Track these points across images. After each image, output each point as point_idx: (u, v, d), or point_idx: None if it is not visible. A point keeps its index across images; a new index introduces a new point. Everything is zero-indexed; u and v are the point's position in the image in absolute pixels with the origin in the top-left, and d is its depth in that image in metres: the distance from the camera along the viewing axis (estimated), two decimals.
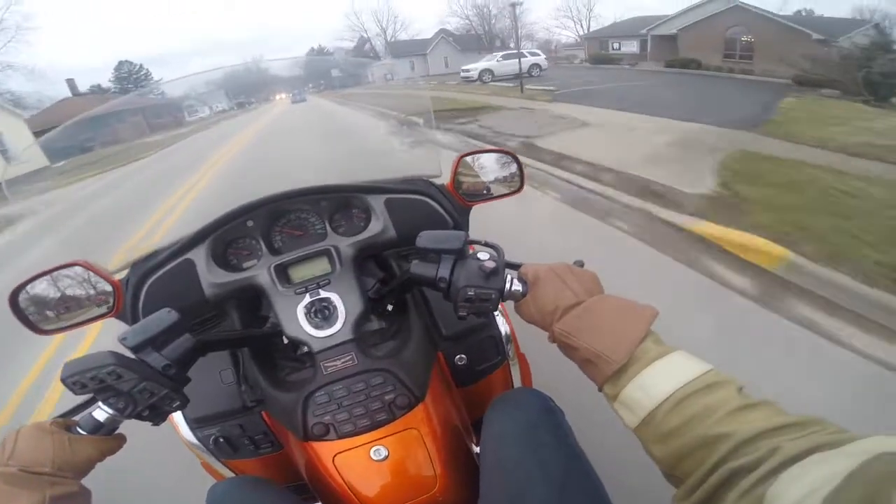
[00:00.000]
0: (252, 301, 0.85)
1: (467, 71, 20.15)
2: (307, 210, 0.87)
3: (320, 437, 0.65)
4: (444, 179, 0.94)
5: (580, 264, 0.61)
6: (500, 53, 20.64)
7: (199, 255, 0.79)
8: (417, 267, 0.62)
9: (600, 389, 0.48)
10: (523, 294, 0.58)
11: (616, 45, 26.89)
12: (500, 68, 19.21)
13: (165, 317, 0.58)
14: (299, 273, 0.79)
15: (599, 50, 27.46)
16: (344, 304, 0.73)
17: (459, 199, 0.91)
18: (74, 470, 0.53)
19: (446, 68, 30.50)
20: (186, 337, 0.59)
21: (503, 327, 0.87)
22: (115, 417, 0.56)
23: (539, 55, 21.23)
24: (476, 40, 35.48)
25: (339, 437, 0.65)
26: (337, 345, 0.70)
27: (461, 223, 0.91)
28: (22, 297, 0.73)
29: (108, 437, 0.57)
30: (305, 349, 0.75)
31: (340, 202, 0.88)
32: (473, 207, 0.94)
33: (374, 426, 0.65)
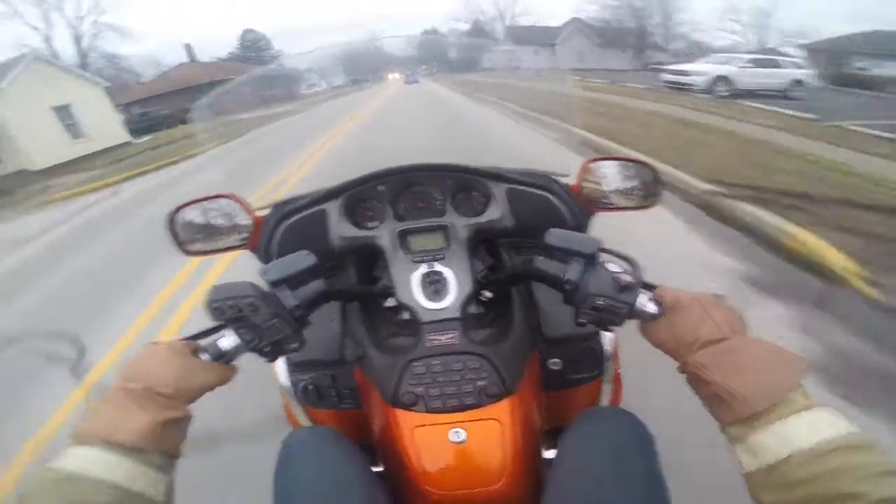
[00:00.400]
0: (367, 259, 0.89)
1: (685, 74, 13.70)
2: (432, 185, 0.89)
3: (407, 406, 0.66)
4: (571, 180, 0.90)
5: (720, 297, 0.57)
6: (746, 56, 14.45)
7: (333, 208, 0.85)
8: (543, 263, 0.61)
9: (723, 429, 0.47)
10: (654, 316, 0.55)
11: (863, 65, 19.59)
12: (744, 78, 12.88)
13: (304, 258, 0.61)
14: (417, 243, 0.81)
15: (838, 67, 20.02)
16: (456, 282, 0.74)
17: (583, 202, 0.88)
18: (189, 394, 0.56)
19: (579, 63, 27.01)
20: (319, 282, 0.63)
21: (608, 343, 0.85)
22: (238, 348, 0.59)
23: (802, 66, 14.30)
24: (620, 35, 31.43)
25: (425, 411, 0.66)
26: (444, 320, 0.71)
27: (581, 227, 0.88)
28: (177, 218, 0.84)
29: (225, 366, 0.60)
30: (409, 316, 0.77)
31: (464, 183, 0.89)
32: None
33: (461, 408, 0.65)
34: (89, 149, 16.37)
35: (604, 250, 0.60)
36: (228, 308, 0.57)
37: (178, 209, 0.83)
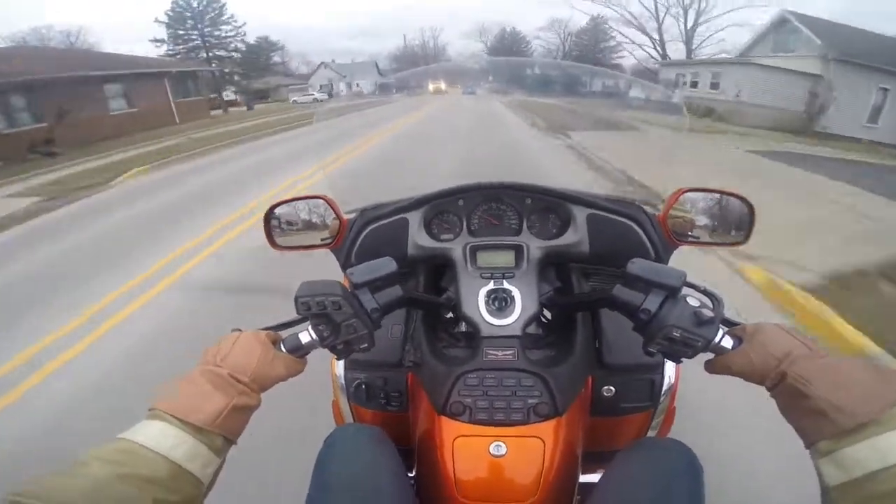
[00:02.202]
0: (436, 269, 0.93)
1: None
2: (510, 203, 0.92)
3: (454, 415, 0.68)
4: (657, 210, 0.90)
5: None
6: None
7: (414, 217, 0.89)
8: (621, 292, 0.61)
9: (811, 444, 0.47)
10: (730, 349, 0.57)
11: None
12: None
13: (387, 264, 0.66)
14: (486, 259, 0.84)
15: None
16: (522, 301, 0.76)
17: (668, 234, 0.86)
18: (263, 383, 0.59)
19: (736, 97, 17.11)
20: (397, 288, 0.67)
21: (669, 376, 0.84)
22: (314, 343, 0.64)
23: None
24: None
25: (470, 421, 0.68)
26: (505, 336, 0.73)
27: (662, 259, 0.87)
28: (273, 214, 0.91)
29: (298, 360, 0.64)
30: (467, 329, 0.79)
31: (543, 204, 0.91)
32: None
33: (507, 423, 0.67)
34: None
35: (688, 284, 0.60)
36: (315, 304, 0.60)
37: (275, 206, 0.91)
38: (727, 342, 0.56)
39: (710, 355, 0.59)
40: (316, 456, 0.72)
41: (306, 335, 0.64)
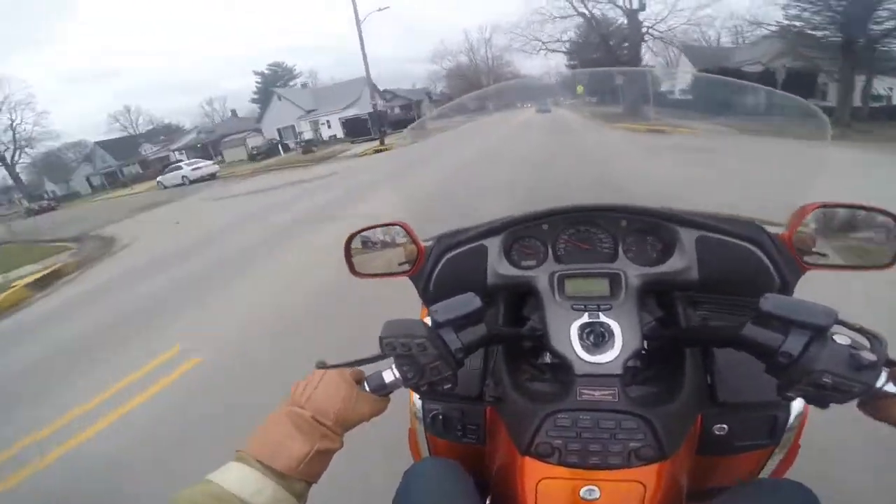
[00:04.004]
0: (517, 299, 0.89)
1: None
2: (602, 226, 0.86)
3: (541, 457, 0.64)
4: (780, 229, 0.79)
5: None
6: None
7: (493, 244, 0.86)
8: (753, 332, 0.56)
9: None
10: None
11: None
12: None
13: (470, 301, 0.64)
14: (576, 287, 0.78)
15: None
16: (622, 336, 0.69)
17: (797, 258, 0.76)
18: (347, 426, 0.60)
19: None
20: (482, 326, 0.65)
21: (796, 412, 0.76)
22: (397, 383, 0.64)
23: None
24: None
25: (558, 464, 0.63)
26: (603, 375, 0.67)
27: (789, 286, 0.76)
28: (354, 242, 0.94)
29: (381, 399, 0.64)
30: (553, 360, 0.75)
31: (642, 226, 0.83)
32: None
33: (603, 467, 0.62)
34: None
35: (839, 322, 0.53)
36: (399, 345, 0.60)
37: (355, 234, 0.94)
38: (891, 387, 0.50)
39: None
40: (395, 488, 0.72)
41: (390, 374, 0.64)
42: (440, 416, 0.86)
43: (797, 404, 0.77)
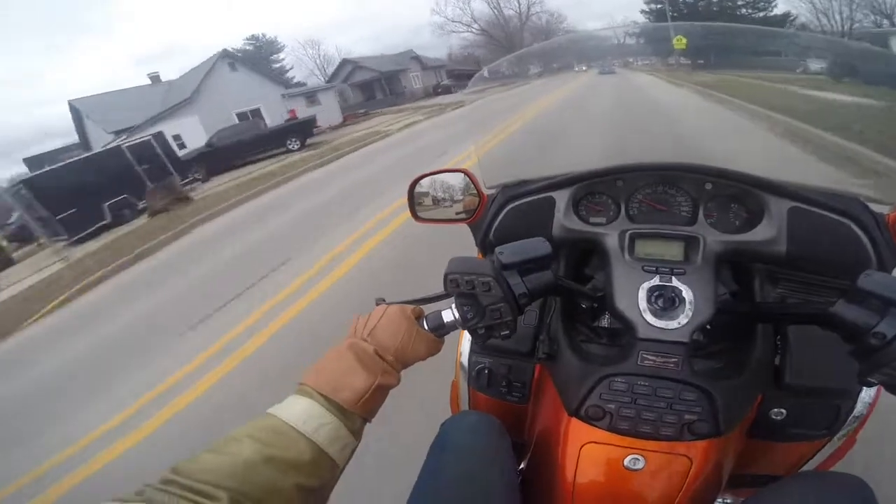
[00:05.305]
0: (580, 257, 0.87)
1: None
2: (684, 188, 0.81)
3: (590, 419, 0.64)
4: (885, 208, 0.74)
5: None
6: None
7: (561, 197, 0.84)
8: (846, 309, 0.53)
9: None
10: None
11: None
12: None
13: (540, 245, 0.62)
14: (648, 249, 0.75)
15: None
16: (693, 303, 0.66)
17: None
18: (405, 362, 0.60)
19: None
20: (548, 273, 0.63)
21: (864, 403, 0.74)
22: (456, 324, 0.63)
23: None
24: None
25: (607, 429, 0.63)
26: (668, 342, 0.65)
27: (888, 269, 0.71)
28: (417, 187, 0.95)
29: (438, 339, 0.64)
30: (611, 324, 0.74)
31: (729, 191, 0.79)
32: None
33: (653, 437, 0.62)
34: None
35: None
36: (464, 283, 0.60)
37: (419, 179, 0.95)
38: None
39: None
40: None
41: (449, 314, 0.63)
42: (486, 371, 0.87)
43: (865, 396, 0.74)
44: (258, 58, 43.58)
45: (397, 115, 22.06)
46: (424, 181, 0.95)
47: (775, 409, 0.74)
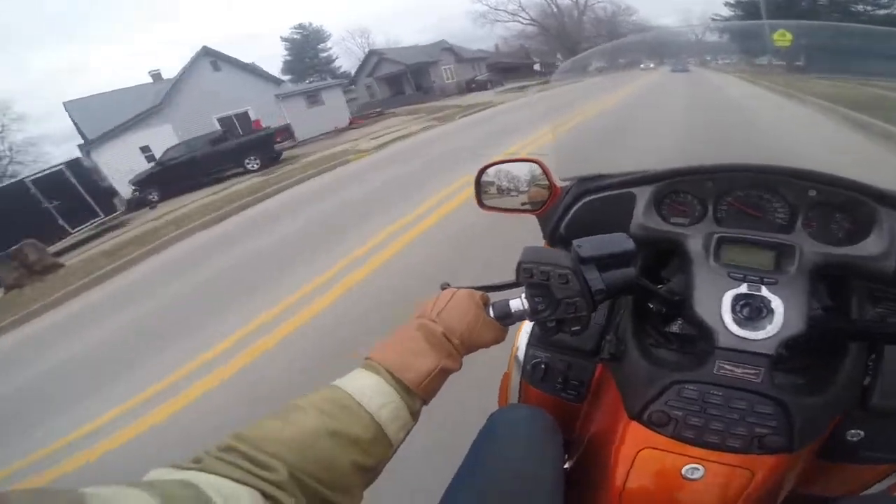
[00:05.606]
0: (657, 258, 0.94)
1: None
2: (782, 192, 0.87)
3: (652, 425, 0.70)
4: None
5: None
6: None
7: (643, 193, 0.91)
8: None
9: None
10: None
11: None
12: None
13: (623, 241, 0.68)
14: (735, 255, 0.81)
15: None
16: (784, 315, 0.71)
17: None
18: (470, 347, 0.67)
19: None
20: (630, 270, 0.69)
21: None
22: (524, 314, 0.69)
23: None
24: None
25: (670, 436, 0.68)
26: (751, 352, 0.70)
27: None
28: (484, 175, 1.04)
29: (503, 328, 0.71)
30: (684, 330, 0.81)
31: (833, 199, 0.83)
32: None
33: (719, 447, 0.66)
34: None
35: None
36: (538, 273, 0.66)
37: (488, 166, 1.04)
38: None
39: None
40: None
41: (518, 303, 0.69)
42: (542, 365, 0.94)
43: None
44: (305, 47, 45.45)
45: (405, 118, 21.87)
46: (491, 170, 1.04)
47: (852, 431, 0.78)
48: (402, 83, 37.07)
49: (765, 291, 0.74)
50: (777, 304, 0.72)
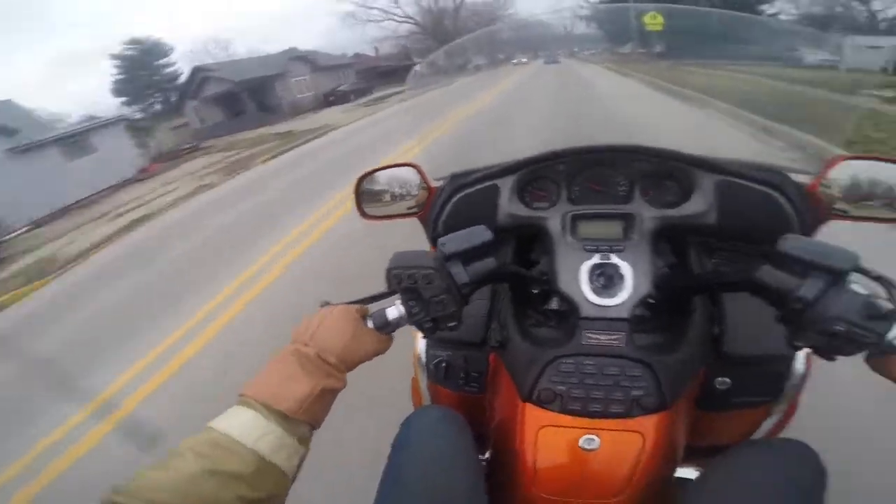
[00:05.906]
0: (526, 241, 1.13)
1: None
2: (618, 167, 1.08)
3: (542, 403, 0.83)
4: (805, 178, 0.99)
5: None
6: None
7: (505, 184, 1.10)
8: (769, 274, 0.69)
9: None
10: None
11: None
12: None
13: (481, 233, 0.83)
14: (588, 229, 1.01)
15: None
16: (633, 279, 0.90)
17: (820, 207, 0.96)
18: (350, 363, 0.75)
19: None
20: (491, 260, 0.84)
21: (800, 367, 0.98)
22: (401, 320, 0.79)
23: None
24: None
25: (560, 411, 0.82)
26: (610, 318, 0.87)
27: (810, 234, 0.97)
28: (363, 183, 1.18)
29: (384, 337, 0.80)
30: (560, 306, 0.96)
31: (660, 168, 1.06)
32: None
33: (604, 415, 0.80)
34: None
35: (859, 269, 0.65)
36: (406, 277, 0.77)
37: (366, 175, 1.18)
38: None
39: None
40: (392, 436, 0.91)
41: (394, 311, 0.79)
42: (443, 364, 1.08)
43: (800, 362, 0.96)
44: (143, 63, 42.70)
45: (213, 159, 19.35)
46: (371, 178, 1.17)
47: (719, 379, 0.96)
48: (244, 102, 34.22)
49: (615, 259, 0.93)
50: (626, 269, 0.91)
